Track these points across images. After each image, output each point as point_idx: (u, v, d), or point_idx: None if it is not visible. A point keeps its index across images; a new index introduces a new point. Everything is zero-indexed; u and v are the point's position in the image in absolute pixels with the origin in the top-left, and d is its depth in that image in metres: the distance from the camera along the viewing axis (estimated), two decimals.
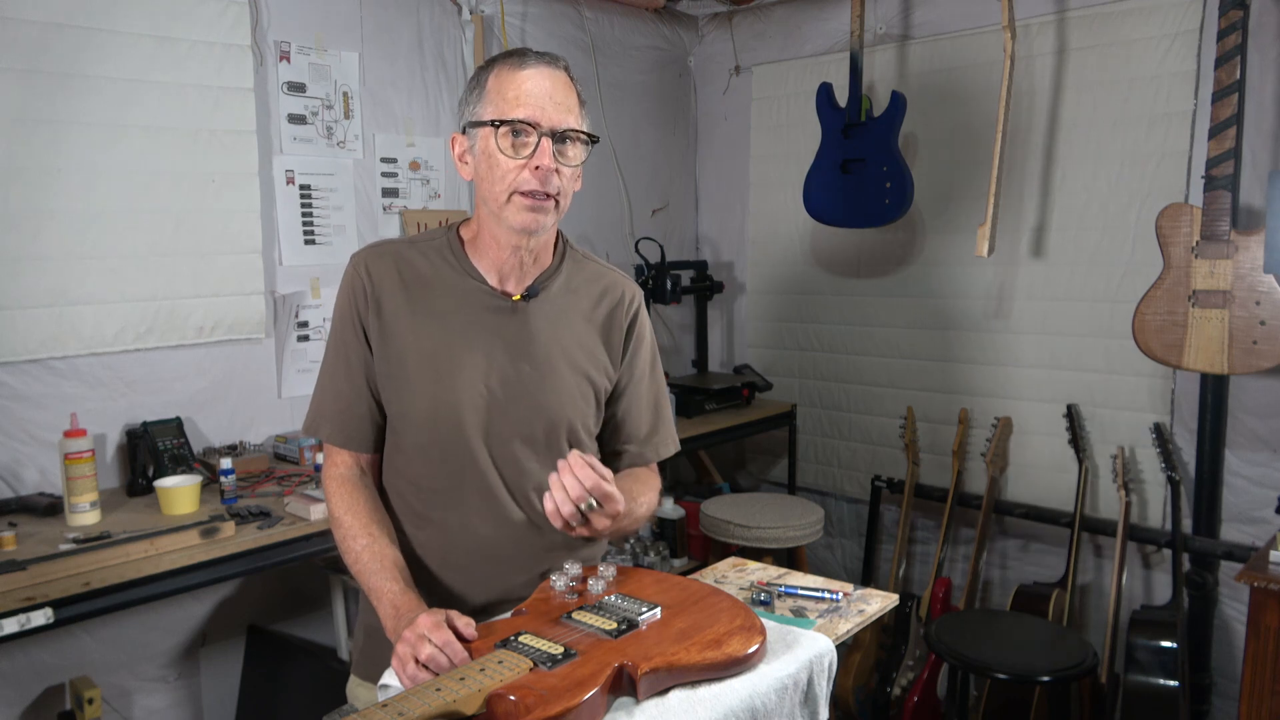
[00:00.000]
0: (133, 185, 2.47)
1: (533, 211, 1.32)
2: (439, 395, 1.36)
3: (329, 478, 1.43)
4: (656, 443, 1.54)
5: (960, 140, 3.33)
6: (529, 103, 1.30)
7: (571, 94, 1.35)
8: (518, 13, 3.38)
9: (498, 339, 1.39)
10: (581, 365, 1.43)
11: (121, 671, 2.54)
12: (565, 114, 1.32)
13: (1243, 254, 2.49)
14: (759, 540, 2.87)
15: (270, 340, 2.79)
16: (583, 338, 1.44)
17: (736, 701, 1.11)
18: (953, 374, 3.44)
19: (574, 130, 1.33)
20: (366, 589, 1.32)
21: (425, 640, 1.12)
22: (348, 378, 1.41)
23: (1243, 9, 2.49)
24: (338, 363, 1.42)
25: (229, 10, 2.61)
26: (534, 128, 1.30)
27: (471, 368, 1.37)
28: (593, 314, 1.46)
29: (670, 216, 4.10)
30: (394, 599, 1.26)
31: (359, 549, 1.34)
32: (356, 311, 1.40)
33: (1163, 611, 2.77)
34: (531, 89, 1.30)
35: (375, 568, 1.31)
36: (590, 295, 1.47)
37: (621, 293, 1.49)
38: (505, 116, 1.29)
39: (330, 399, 1.42)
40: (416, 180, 3.13)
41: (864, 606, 1.41)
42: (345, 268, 1.43)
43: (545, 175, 1.30)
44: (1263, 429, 2.78)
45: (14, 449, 2.33)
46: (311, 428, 1.44)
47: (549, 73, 1.33)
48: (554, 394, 1.40)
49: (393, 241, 1.45)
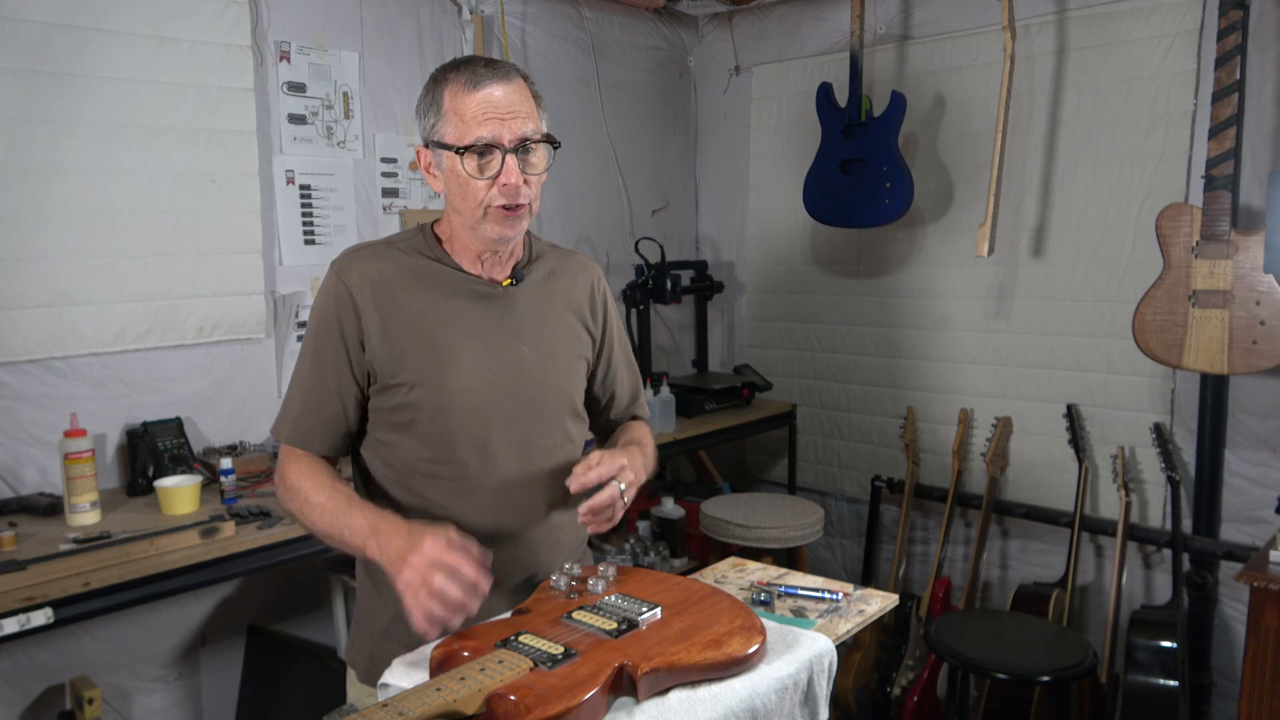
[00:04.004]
0: (132, 185, 2.47)
1: (507, 222, 1.37)
2: (447, 385, 1.39)
3: (281, 461, 1.44)
4: (636, 407, 1.67)
5: (960, 140, 3.33)
6: (488, 122, 1.32)
7: (527, 99, 1.37)
8: (518, 13, 3.38)
9: (493, 325, 1.44)
10: (571, 344, 1.51)
11: (121, 671, 2.54)
12: (524, 123, 1.35)
13: (1243, 254, 2.49)
14: (759, 540, 2.87)
15: (270, 340, 2.79)
16: (567, 318, 1.52)
17: (736, 701, 1.11)
18: (953, 374, 3.44)
19: (534, 140, 1.36)
20: (339, 536, 1.32)
21: (434, 568, 1.11)
22: (319, 382, 1.41)
23: (1243, 9, 2.49)
24: (308, 368, 1.43)
25: (229, 10, 2.61)
26: (496, 147, 1.33)
27: (472, 354, 1.41)
28: (571, 295, 1.53)
29: (670, 216, 4.09)
30: (371, 522, 1.28)
31: (322, 501, 1.34)
32: (337, 319, 1.40)
33: (1163, 611, 2.77)
34: (488, 108, 1.33)
35: (341, 508, 1.32)
36: (565, 278, 1.54)
37: (591, 274, 1.58)
38: (465, 141, 1.33)
39: (298, 403, 1.43)
40: (416, 180, 3.13)
41: (864, 606, 1.41)
42: (326, 274, 1.44)
43: (514, 190, 1.34)
44: (1263, 429, 2.78)
45: (14, 449, 2.33)
46: (276, 429, 1.46)
47: (502, 88, 1.34)
48: (553, 372, 1.47)
49: (370, 244, 1.48)
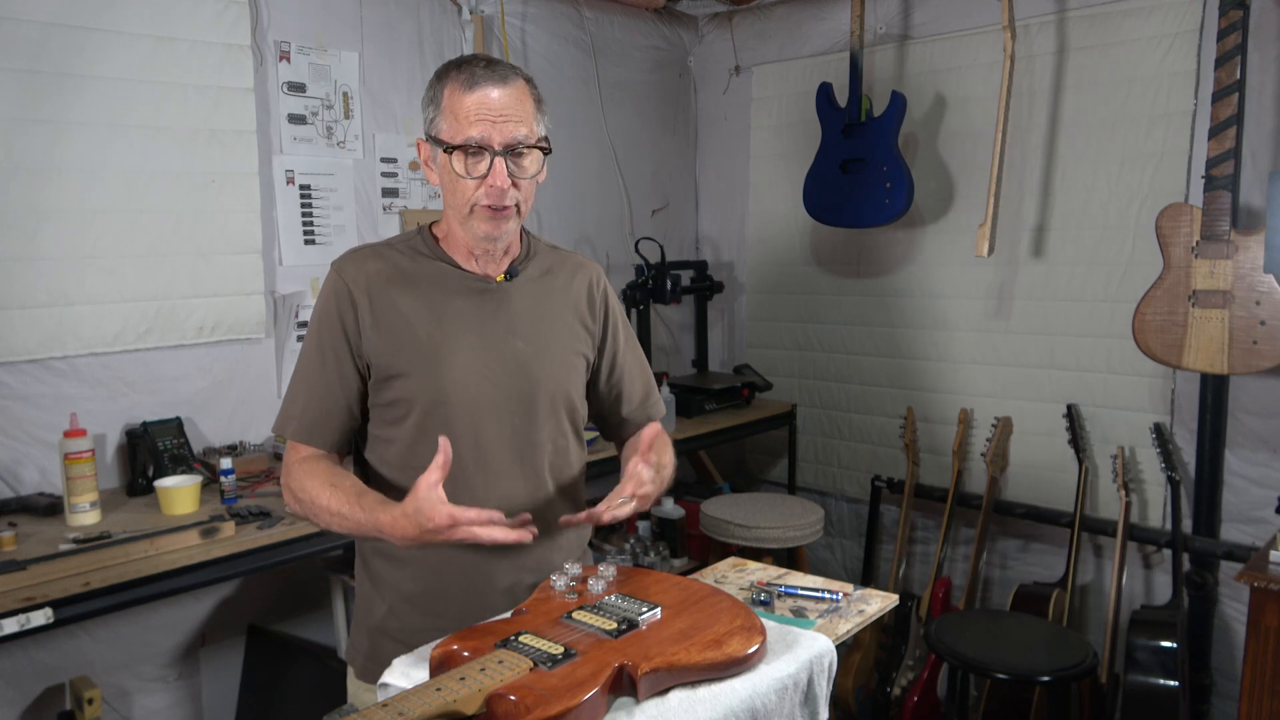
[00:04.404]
0: (132, 185, 2.47)
1: (493, 221, 1.39)
2: (442, 377, 1.41)
3: (288, 461, 1.44)
4: (650, 405, 1.66)
5: (960, 140, 3.33)
6: (480, 123, 1.35)
7: (525, 102, 1.39)
8: (518, 13, 3.38)
9: (488, 320, 1.45)
10: (568, 339, 1.52)
11: (121, 671, 2.54)
12: (516, 127, 1.36)
13: (1243, 254, 2.48)
14: (759, 540, 2.87)
15: (270, 340, 2.79)
16: (564, 314, 1.53)
17: (736, 701, 1.11)
18: (953, 374, 3.44)
19: (526, 145, 1.38)
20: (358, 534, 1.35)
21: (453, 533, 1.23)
22: (322, 378, 1.43)
23: (1243, 9, 2.49)
24: (312, 364, 1.44)
25: (229, 10, 2.61)
26: (486, 149, 1.35)
27: (468, 349, 1.43)
28: (568, 293, 1.55)
29: (670, 216, 4.09)
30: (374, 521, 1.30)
31: (326, 503, 1.35)
32: (338, 313, 1.42)
33: (1163, 611, 2.77)
34: (481, 109, 1.35)
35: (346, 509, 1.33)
36: (562, 276, 1.56)
37: (590, 273, 1.59)
38: (456, 140, 1.36)
39: (302, 399, 1.44)
40: (416, 180, 3.13)
41: (864, 606, 1.41)
42: (327, 274, 1.46)
43: (499, 193, 1.36)
44: (1263, 429, 2.78)
45: (14, 449, 2.33)
46: (280, 427, 1.46)
47: (499, 88, 1.36)
48: (548, 367, 1.48)
49: (369, 245, 1.51)
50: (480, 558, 1.43)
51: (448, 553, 1.42)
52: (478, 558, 1.43)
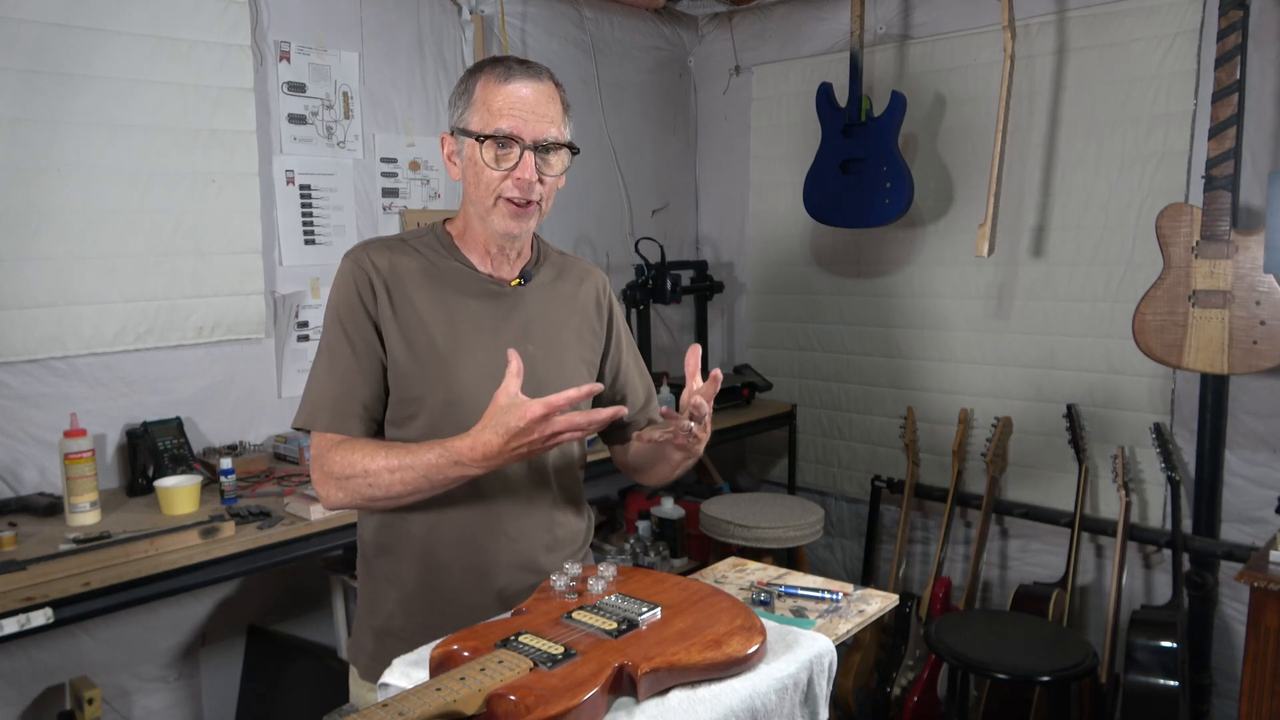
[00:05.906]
0: (133, 185, 2.47)
1: (516, 218, 1.40)
2: (455, 379, 1.40)
3: (320, 451, 1.39)
4: (650, 409, 1.66)
5: (960, 140, 3.33)
6: (512, 116, 1.37)
7: (555, 104, 1.42)
8: (518, 13, 3.38)
9: (501, 323, 1.46)
10: (577, 345, 1.53)
11: (121, 671, 2.54)
12: (547, 125, 1.39)
13: (1243, 254, 2.49)
14: (759, 540, 2.87)
15: (270, 340, 2.79)
16: (573, 320, 1.54)
17: (736, 701, 1.11)
18: (953, 374, 3.44)
19: (555, 143, 1.40)
20: (428, 480, 1.31)
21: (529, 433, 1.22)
22: (354, 364, 1.40)
23: (1243, 9, 2.49)
24: (337, 353, 1.41)
25: (229, 10, 2.61)
26: (516, 141, 1.37)
27: (481, 350, 1.43)
28: (577, 299, 1.56)
29: (670, 216, 4.09)
30: (444, 450, 1.28)
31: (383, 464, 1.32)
32: (359, 295, 1.41)
33: (1163, 611, 2.77)
34: (515, 102, 1.37)
35: (408, 460, 1.30)
36: (571, 281, 1.57)
37: (596, 280, 1.61)
38: (488, 130, 1.37)
39: (327, 389, 1.40)
40: (416, 180, 3.13)
41: (864, 606, 1.41)
42: (341, 264, 1.44)
43: (527, 185, 1.38)
44: (1263, 429, 2.78)
45: (14, 449, 2.33)
46: (309, 420, 1.40)
47: (532, 85, 1.39)
48: (559, 373, 1.48)
49: (382, 239, 1.50)
50: (511, 545, 1.44)
51: (451, 550, 1.42)
52: (479, 558, 1.43)
